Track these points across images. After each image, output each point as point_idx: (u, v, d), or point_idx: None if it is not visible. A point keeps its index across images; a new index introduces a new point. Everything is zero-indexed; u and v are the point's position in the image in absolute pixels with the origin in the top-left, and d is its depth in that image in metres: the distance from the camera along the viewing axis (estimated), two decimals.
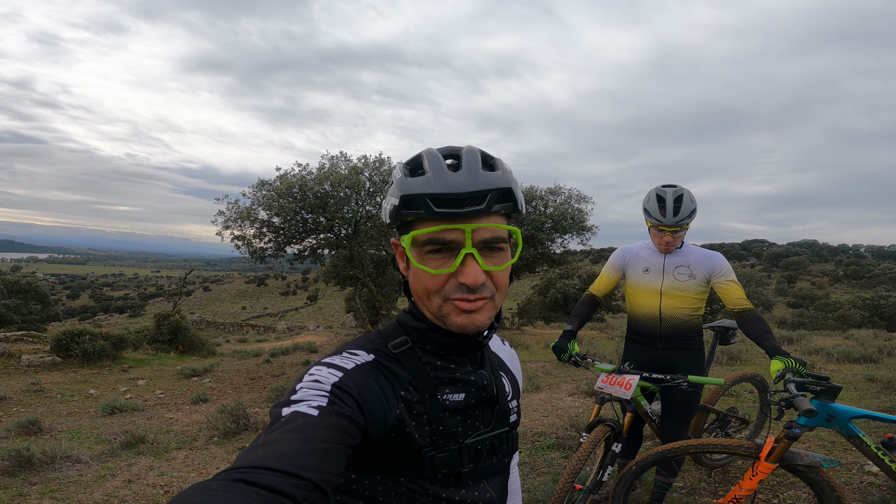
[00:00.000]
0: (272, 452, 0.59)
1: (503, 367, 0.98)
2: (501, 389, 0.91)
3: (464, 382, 0.85)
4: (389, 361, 0.81)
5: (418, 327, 0.85)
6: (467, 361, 0.87)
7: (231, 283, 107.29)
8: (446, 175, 0.77)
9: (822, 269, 77.93)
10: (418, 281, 0.82)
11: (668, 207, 2.50)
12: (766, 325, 2.41)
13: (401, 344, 0.84)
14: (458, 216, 0.76)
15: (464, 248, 0.76)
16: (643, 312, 2.74)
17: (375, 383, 0.77)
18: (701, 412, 3.23)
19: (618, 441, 2.52)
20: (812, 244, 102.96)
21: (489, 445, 0.85)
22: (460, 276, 0.77)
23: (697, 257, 2.64)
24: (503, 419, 0.89)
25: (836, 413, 2.09)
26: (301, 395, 0.70)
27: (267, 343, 18.87)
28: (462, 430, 0.83)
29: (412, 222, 0.80)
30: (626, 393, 2.48)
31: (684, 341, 2.68)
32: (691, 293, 2.63)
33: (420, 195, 0.76)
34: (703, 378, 2.45)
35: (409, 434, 0.77)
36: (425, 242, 0.78)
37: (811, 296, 51.73)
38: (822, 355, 8.52)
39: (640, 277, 2.74)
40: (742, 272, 38.07)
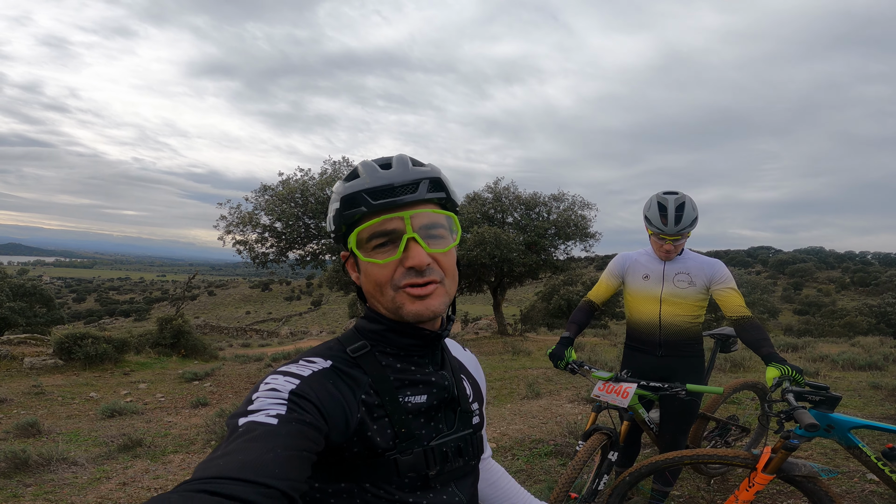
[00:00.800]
0: (233, 462, 0.58)
1: (464, 371, 0.99)
2: (462, 392, 0.92)
3: (425, 383, 0.85)
4: (348, 366, 0.82)
5: (376, 329, 0.86)
6: (428, 362, 0.88)
7: (235, 288, 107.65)
8: (379, 172, 0.83)
9: (829, 276, 77.43)
10: (369, 277, 0.84)
11: (670, 216, 2.47)
12: (763, 333, 2.37)
13: (359, 348, 0.84)
14: (396, 205, 0.81)
15: (405, 234, 0.80)
16: (643, 320, 2.71)
17: (335, 388, 0.77)
18: (700, 420, 3.18)
19: (614, 449, 2.48)
20: (819, 251, 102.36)
21: (454, 447, 0.85)
22: (406, 260, 0.80)
23: (697, 264, 2.61)
24: (466, 421, 0.89)
25: (836, 423, 2.05)
26: (258, 405, 0.69)
27: (270, 348, 18.88)
28: (426, 433, 0.83)
29: (355, 223, 0.84)
30: (622, 401, 2.44)
31: (684, 349, 2.65)
32: (691, 300, 2.60)
33: (358, 192, 0.81)
34: (701, 387, 2.41)
35: (371, 438, 0.77)
36: (370, 238, 0.82)
37: (818, 303, 51.34)
38: (827, 362, 8.43)
39: (639, 284, 2.71)
40: (748, 279, 37.82)
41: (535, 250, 15.98)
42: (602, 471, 2.46)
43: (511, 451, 4.09)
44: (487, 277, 17.01)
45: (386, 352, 0.86)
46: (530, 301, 33.62)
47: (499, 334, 17.01)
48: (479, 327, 23.86)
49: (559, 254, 17.14)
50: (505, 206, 16.71)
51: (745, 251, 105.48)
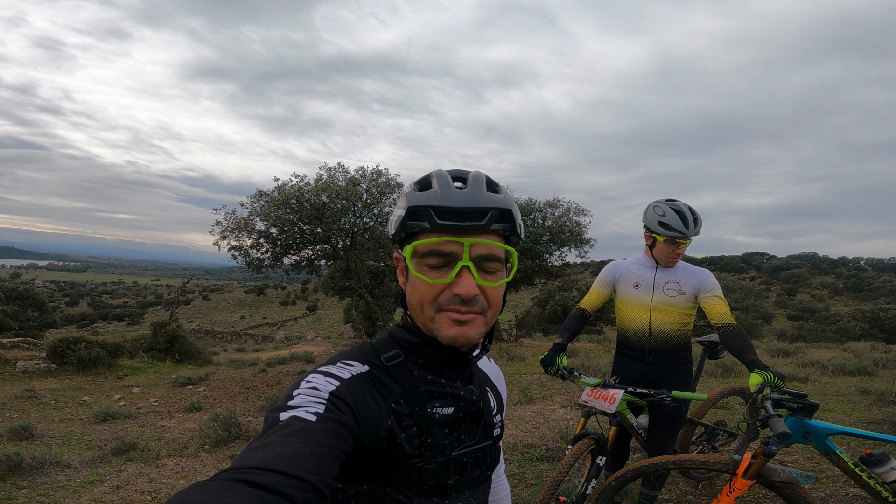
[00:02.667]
0: (271, 454, 0.60)
1: (489, 383, 1.01)
2: (487, 404, 0.94)
3: (453, 397, 0.87)
4: (382, 374, 0.83)
5: (411, 341, 0.88)
6: (457, 376, 0.90)
7: (230, 293, 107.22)
8: (451, 191, 0.82)
9: (823, 281, 77.91)
10: (414, 291, 0.85)
11: (689, 220, 2.56)
12: (747, 340, 2.44)
13: (393, 357, 0.86)
14: (459, 229, 0.80)
15: (461, 261, 0.80)
16: (633, 327, 2.77)
17: (369, 394, 0.79)
18: (688, 425, 3.24)
19: (602, 454, 2.53)
20: (812, 257, 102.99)
21: (473, 458, 0.88)
22: (455, 286, 0.81)
23: (687, 273, 2.69)
24: (488, 433, 0.91)
25: (813, 430, 2.09)
26: (298, 401, 0.71)
27: (264, 353, 18.81)
28: (449, 443, 0.85)
29: (415, 234, 0.84)
30: (610, 407, 2.49)
31: (673, 356, 2.71)
32: (680, 308, 2.67)
33: (425, 207, 0.81)
34: (687, 393, 2.46)
35: (399, 445, 0.79)
36: (425, 254, 0.82)
37: (811, 308, 51.67)
38: (818, 367, 8.51)
39: (630, 293, 2.77)
40: (741, 285, 38.06)
41: (530, 256, 16.07)
42: (590, 475, 2.51)
43: (503, 455, 4.13)
44: None
45: (418, 363, 0.87)
46: (526, 307, 33.68)
47: (495, 339, 17.05)
48: None
49: (554, 260, 17.24)
50: None
51: (740, 257, 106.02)
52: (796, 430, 2.10)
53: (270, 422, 0.69)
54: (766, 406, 1.99)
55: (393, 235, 0.90)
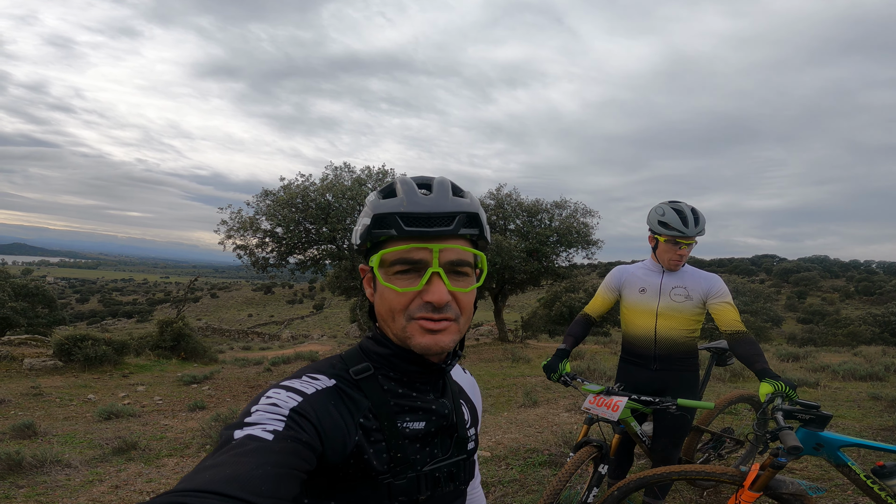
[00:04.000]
0: (220, 475, 0.57)
1: (463, 395, 0.99)
2: (461, 417, 0.92)
3: (425, 411, 0.85)
4: (350, 387, 0.81)
5: (382, 353, 0.86)
6: (429, 389, 0.88)
7: (238, 291, 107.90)
8: (417, 197, 0.81)
9: (833, 284, 77.08)
10: (384, 301, 0.83)
11: (689, 219, 2.50)
12: (757, 348, 2.37)
13: (362, 370, 0.84)
14: (427, 235, 0.79)
15: (430, 268, 0.79)
16: (638, 333, 2.70)
17: (335, 409, 0.77)
18: (694, 433, 3.17)
19: (604, 462, 2.47)
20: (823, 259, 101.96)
21: (447, 473, 0.86)
22: (426, 294, 0.79)
23: (695, 278, 2.62)
24: (461, 447, 0.90)
25: (825, 442, 2.02)
26: (256, 418, 0.69)
27: (270, 351, 18.85)
28: (420, 458, 0.83)
29: (382, 243, 0.83)
30: (612, 415, 2.43)
31: (679, 363, 2.64)
32: (687, 314, 2.60)
33: (391, 214, 0.80)
34: (692, 402, 2.40)
35: (367, 461, 0.77)
36: (394, 262, 0.80)
37: (821, 312, 51.09)
38: (828, 372, 8.37)
39: (636, 298, 2.71)
40: (750, 288, 37.68)
41: (537, 257, 15.97)
42: (592, 483, 2.45)
43: (505, 460, 4.07)
44: (489, 284, 17.01)
45: (389, 376, 0.85)
46: (532, 307, 33.57)
47: (499, 341, 16.98)
48: (480, 333, 23.83)
49: (561, 261, 17.13)
50: (507, 212, 16.73)
51: (749, 259, 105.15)
52: (807, 442, 2.04)
53: (224, 440, 0.66)
54: (777, 417, 1.92)
55: (358, 246, 0.88)
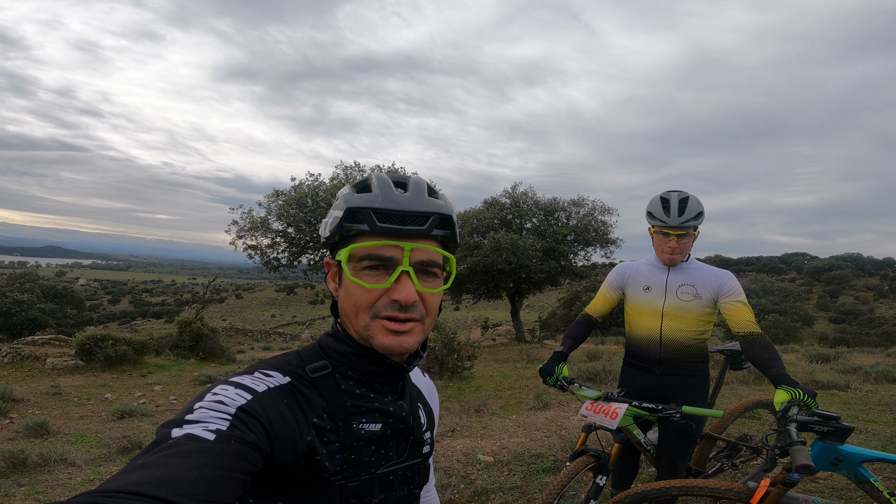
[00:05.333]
0: (149, 476, 0.54)
1: (421, 399, 0.97)
2: (417, 421, 0.90)
3: (382, 412, 0.83)
4: (305, 386, 0.79)
5: (342, 350, 0.84)
6: (388, 390, 0.86)
7: (262, 292, 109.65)
8: (393, 194, 0.80)
9: (867, 283, 74.46)
10: (349, 297, 0.81)
11: (673, 208, 2.31)
12: (774, 352, 2.17)
13: (319, 368, 0.81)
14: (400, 233, 0.78)
15: (400, 266, 0.78)
16: (642, 335, 2.52)
17: (287, 409, 0.74)
18: (706, 440, 2.96)
19: (602, 473, 2.30)
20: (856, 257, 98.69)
21: (401, 476, 0.84)
22: (394, 292, 0.78)
23: (704, 275, 2.42)
24: (417, 450, 0.88)
25: (845, 457, 1.84)
26: (199, 416, 0.66)
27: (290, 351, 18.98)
28: (375, 460, 0.81)
29: (352, 237, 0.81)
30: (611, 423, 2.26)
31: (687, 367, 2.45)
32: (696, 314, 2.41)
33: (365, 209, 0.78)
34: (699, 409, 2.20)
35: (319, 462, 0.75)
36: (363, 258, 0.79)
37: (854, 311, 49.34)
38: (860, 374, 7.98)
39: (640, 296, 2.53)
40: (779, 287, 36.50)
41: (554, 256, 15.70)
42: (590, 495, 2.28)
43: (508, 465, 3.92)
44: (505, 284, 16.79)
45: (347, 375, 0.83)
46: (552, 307, 33.17)
47: (516, 341, 16.77)
48: (498, 333, 23.62)
49: (579, 260, 16.82)
50: (523, 211, 16.49)
51: (779, 258, 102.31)
52: (824, 457, 1.84)
53: (159, 438, 0.62)
54: (790, 430, 1.73)
55: (327, 238, 0.85)
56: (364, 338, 0.81)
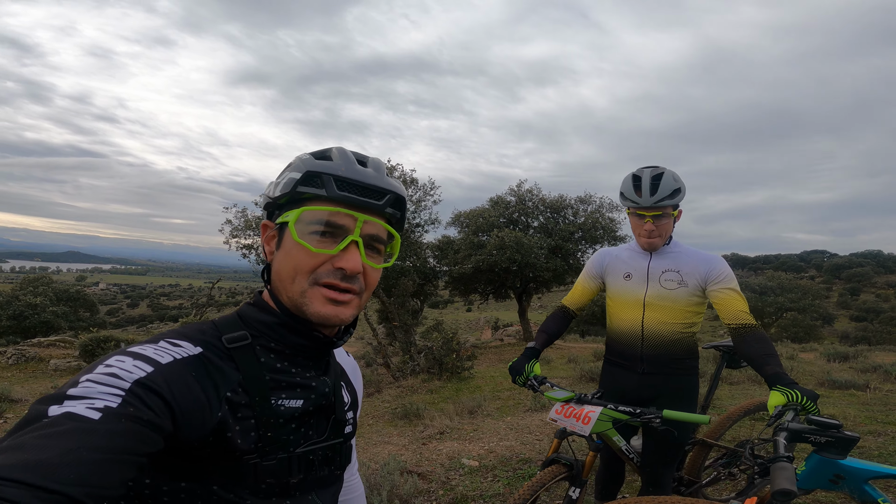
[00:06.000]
0: (15, 459, 0.49)
1: (345, 378, 0.94)
2: (340, 399, 0.87)
3: (304, 388, 0.79)
4: (220, 357, 0.73)
5: (265, 321, 0.79)
6: (312, 365, 0.82)
7: None
8: (355, 165, 0.80)
9: (888, 280, 72.61)
10: (289, 259, 0.78)
11: (645, 186, 2.06)
12: (769, 347, 1.90)
13: (238, 339, 0.76)
14: (356, 203, 0.78)
15: (351, 235, 0.77)
16: (623, 328, 2.27)
17: (196, 382, 0.68)
18: (700, 447, 2.69)
19: (576, 485, 2.05)
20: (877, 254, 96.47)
21: (322, 456, 0.81)
22: (340, 260, 0.76)
23: (690, 260, 2.16)
24: (338, 429, 0.85)
25: (847, 473, 1.58)
26: (83, 391, 0.58)
27: None
28: (294, 439, 0.77)
29: (303, 201, 0.78)
30: (583, 428, 2.01)
31: (672, 365, 2.19)
32: (682, 304, 2.15)
33: (327, 174, 0.77)
34: (681, 414, 1.91)
35: (230, 440, 0.70)
36: (313, 221, 0.77)
37: (876, 309, 48.06)
38: (880, 373, 7.60)
39: (620, 285, 2.28)
40: (798, 284, 35.51)
41: (561, 255, 15.38)
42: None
43: (493, 471, 3.68)
44: (512, 283, 16.50)
45: (269, 347, 0.78)
46: None
47: (524, 341, 16.48)
48: (507, 334, 23.31)
49: (587, 258, 16.48)
50: (529, 209, 16.21)
51: (798, 255, 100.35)
52: (822, 473, 1.58)
53: (32, 416, 0.55)
54: (777, 441, 1.46)
55: (274, 199, 0.81)
56: (297, 305, 0.77)
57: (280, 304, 0.79)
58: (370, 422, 6.35)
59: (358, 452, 4.56)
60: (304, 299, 0.76)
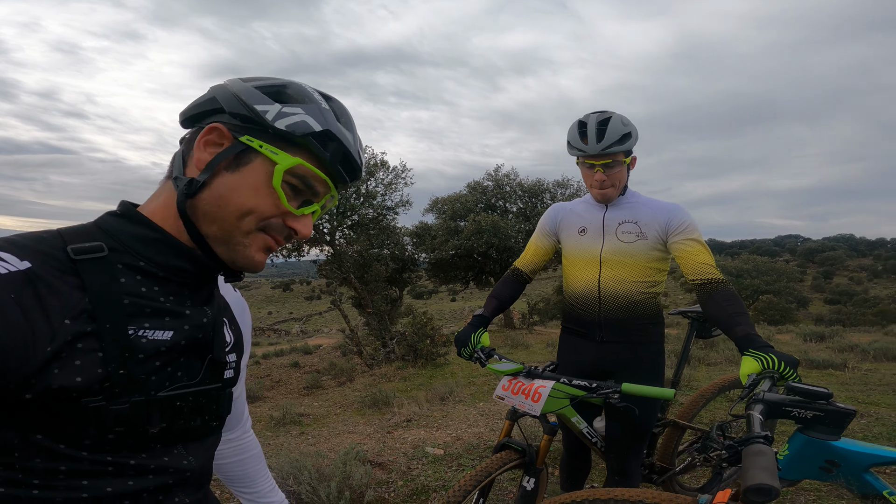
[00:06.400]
0: None
1: (228, 314, 0.82)
2: (220, 336, 0.74)
3: (174, 316, 0.66)
4: (58, 274, 0.58)
5: (139, 235, 0.66)
6: (188, 294, 0.70)
7: (258, 289, 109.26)
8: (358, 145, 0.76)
9: (860, 263, 74.81)
10: (250, 196, 0.67)
11: (591, 132, 1.79)
12: (739, 305, 1.65)
13: (90, 250, 0.61)
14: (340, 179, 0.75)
15: (316, 204, 0.74)
16: (579, 290, 1.99)
17: (16, 306, 0.54)
18: (672, 429, 2.43)
19: (530, 474, 1.78)
20: (849, 238, 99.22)
21: (193, 403, 0.68)
22: (297, 222, 0.72)
23: (649, 210, 1.90)
24: (216, 373, 0.73)
25: (843, 458, 1.25)
26: None
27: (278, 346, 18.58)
28: (156, 380, 0.64)
29: (292, 146, 0.69)
30: (533, 406, 1.72)
31: (635, 332, 1.92)
32: (642, 259, 1.88)
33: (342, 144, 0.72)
34: (643, 388, 1.63)
35: (62, 377, 0.56)
36: (297, 175, 0.70)
37: (849, 291, 49.32)
38: (857, 352, 7.56)
39: (574, 241, 2.00)
40: (774, 266, 36.00)
41: None
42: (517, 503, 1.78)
43: (458, 459, 3.42)
44: (492, 269, 16.31)
45: (136, 267, 0.64)
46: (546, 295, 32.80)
47: (505, 327, 16.32)
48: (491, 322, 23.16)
49: None
50: (507, 193, 15.98)
51: (773, 240, 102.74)
52: (811, 458, 1.26)
53: None
54: (752, 417, 1.16)
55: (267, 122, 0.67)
56: (230, 242, 0.68)
57: (159, 224, 0.67)
58: (337, 411, 6.06)
59: (320, 443, 4.27)
60: (244, 240, 0.68)
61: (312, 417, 5.65)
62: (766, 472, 0.93)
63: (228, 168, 0.68)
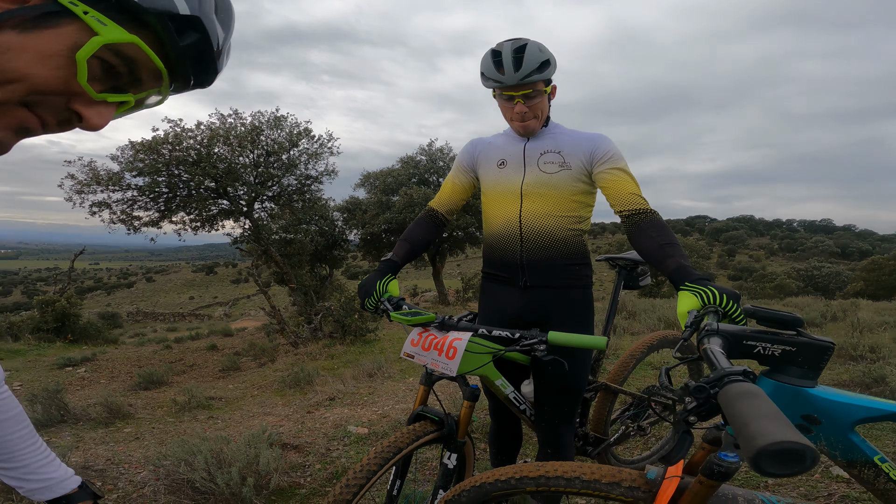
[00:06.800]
0: None
1: None
2: None
3: None
4: None
5: None
6: None
7: (177, 273, 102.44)
8: (227, 43, 0.65)
9: (759, 242, 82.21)
10: (25, 59, 0.50)
11: (507, 61, 1.59)
12: (669, 234, 1.47)
13: None
14: (182, 77, 0.63)
15: (133, 94, 0.59)
16: (498, 228, 1.78)
17: None
18: (605, 394, 2.26)
19: (451, 449, 1.53)
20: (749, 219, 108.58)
21: None
22: (89, 108, 0.55)
23: (573, 139, 1.72)
24: None
25: (823, 411, 0.96)
26: None
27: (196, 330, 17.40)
28: None
29: (139, 25, 0.55)
30: (448, 364, 1.47)
31: (562, 275, 1.72)
32: (566, 191, 1.69)
33: (207, 40, 0.59)
34: (572, 337, 1.40)
35: None
36: (125, 57, 0.55)
37: (749, 268, 53.99)
38: None
39: (494, 175, 1.79)
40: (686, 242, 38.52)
41: (472, 213, 15.15)
42: (438, 484, 1.52)
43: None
44: None
45: None
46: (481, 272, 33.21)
47: (439, 303, 16.23)
48: (425, 300, 23.11)
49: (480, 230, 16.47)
50: (440, 168, 15.72)
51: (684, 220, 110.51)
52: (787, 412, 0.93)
53: None
54: (711, 351, 0.89)
55: None
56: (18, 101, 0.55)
57: None
58: (254, 392, 5.59)
59: (230, 427, 3.84)
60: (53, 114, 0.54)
61: (225, 401, 5.16)
62: (777, 422, 0.62)
63: (19, 27, 0.51)
